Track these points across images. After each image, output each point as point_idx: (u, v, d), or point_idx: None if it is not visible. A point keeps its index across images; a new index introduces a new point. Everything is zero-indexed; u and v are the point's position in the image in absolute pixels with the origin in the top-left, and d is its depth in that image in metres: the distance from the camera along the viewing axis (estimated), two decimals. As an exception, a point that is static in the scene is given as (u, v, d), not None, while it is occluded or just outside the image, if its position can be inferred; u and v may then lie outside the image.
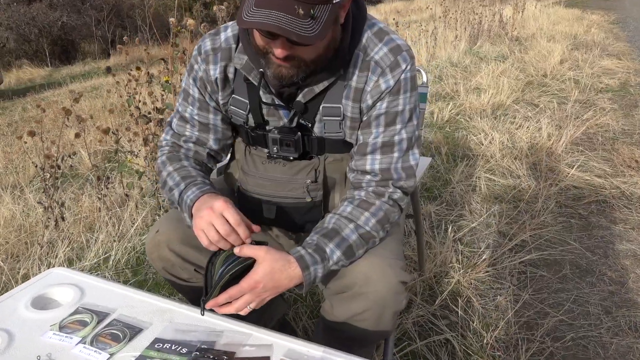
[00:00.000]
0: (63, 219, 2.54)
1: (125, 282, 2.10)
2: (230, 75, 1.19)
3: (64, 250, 2.31)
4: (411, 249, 2.20)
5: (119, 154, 2.67)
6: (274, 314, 1.53)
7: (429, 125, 4.09)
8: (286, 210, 1.23)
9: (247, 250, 1.00)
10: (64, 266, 2.21)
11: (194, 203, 1.09)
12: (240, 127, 1.26)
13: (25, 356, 0.95)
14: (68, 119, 2.18)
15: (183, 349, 0.97)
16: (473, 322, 1.76)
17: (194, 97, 1.22)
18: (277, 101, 1.16)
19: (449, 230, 2.33)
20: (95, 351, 0.96)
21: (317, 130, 1.19)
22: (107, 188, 2.68)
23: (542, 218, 2.51)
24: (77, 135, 2.36)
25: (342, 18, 1.04)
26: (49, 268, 2.26)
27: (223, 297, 0.98)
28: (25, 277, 2.22)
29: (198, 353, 0.96)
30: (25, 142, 3.30)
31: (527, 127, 3.76)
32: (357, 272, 1.10)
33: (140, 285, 2.07)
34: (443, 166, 3.19)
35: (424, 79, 1.74)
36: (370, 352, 1.44)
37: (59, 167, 2.29)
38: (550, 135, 3.57)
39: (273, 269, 0.99)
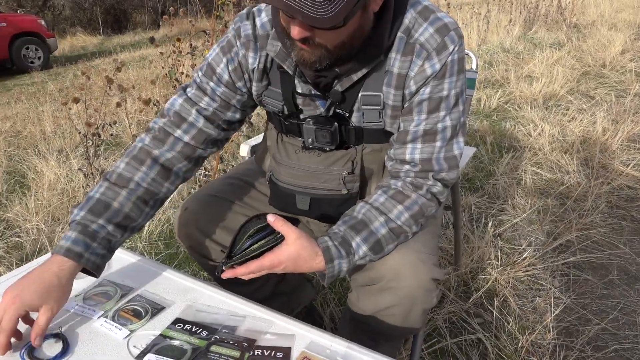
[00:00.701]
0: (102, 186, 2.57)
1: (157, 254, 2.12)
2: (268, 65, 1.11)
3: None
4: (448, 242, 2.12)
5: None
6: (302, 300, 1.50)
7: (475, 113, 3.93)
8: (320, 202, 1.17)
9: (280, 226, 0.94)
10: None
11: (54, 253, 0.97)
12: (273, 114, 1.20)
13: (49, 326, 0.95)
14: (110, 87, 2.18)
15: (203, 332, 0.95)
16: (508, 324, 1.68)
17: (222, 77, 1.12)
18: (313, 91, 1.08)
19: (489, 224, 2.23)
20: (115, 326, 0.95)
21: (354, 119, 1.11)
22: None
23: (591, 218, 2.37)
24: (118, 105, 2.38)
25: (376, 5, 0.95)
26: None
27: (242, 271, 0.94)
28: (63, 241, 2.27)
29: (218, 337, 0.93)
30: (70, 109, 3.36)
31: (581, 120, 3.56)
32: (386, 265, 1.05)
33: (171, 258, 2.09)
34: (487, 156, 3.07)
35: (474, 64, 1.64)
36: (398, 346, 1.39)
37: (99, 135, 2.31)
38: (606, 130, 3.37)
39: (299, 256, 0.94)
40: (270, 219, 0.93)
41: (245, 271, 0.94)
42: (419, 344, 1.32)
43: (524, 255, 2.05)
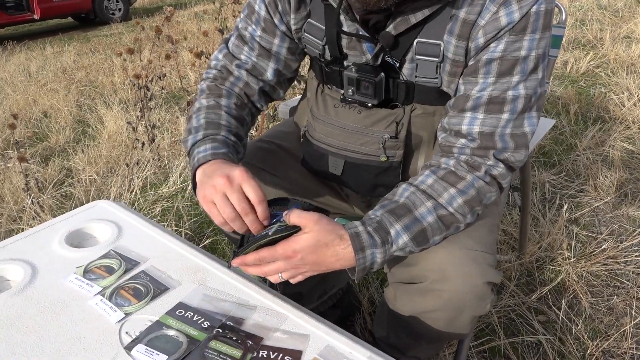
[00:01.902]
0: (153, 140, 2.53)
1: (195, 216, 2.04)
2: None
3: (145, 174, 2.30)
4: (513, 224, 1.88)
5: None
6: (337, 282, 1.36)
7: (559, 77, 3.52)
8: (355, 168, 1.01)
9: (296, 218, 0.80)
10: (137, 191, 2.20)
11: (200, 165, 0.88)
12: (314, 59, 1.04)
13: (42, 299, 0.87)
14: (159, 38, 2.08)
15: (205, 322, 0.83)
16: (577, 325, 1.45)
17: (259, 15, 1.00)
18: (361, 31, 0.91)
19: (564, 207, 1.96)
20: (110, 307, 0.85)
21: (406, 72, 0.92)
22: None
23: (690, 206, 2.02)
24: (167, 57, 2.28)
25: None
26: (130, 188, 2.29)
27: (251, 258, 0.81)
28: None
29: (220, 331, 0.81)
30: (125, 59, 3.34)
31: (688, 90, 3.07)
32: (430, 263, 0.87)
33: (209, 222, 2.00)
34: (569, 127, 2.72)
35: (563, 17, 1.35)
36: (441, 346, 1.23)
37: (147, 88, 2.24)
38: None
39: (318, 242, 0.78)
40: (284, 216, 0.79)
41: (256, 258, 0.80)
42: (464, 348, 1.15)
43: (603, 246, 1.78)
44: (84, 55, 6.20)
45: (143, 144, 2.39)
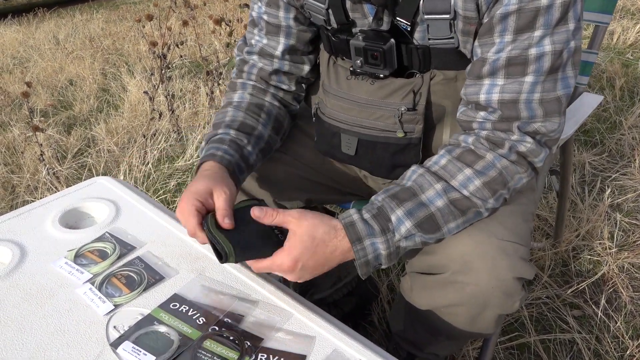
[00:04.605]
0: (173, 111, 2.46)
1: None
2: None
3: (161, 146, 2.24)
4: (548, 208, 1.74)
5: (230, 48, 2.47)
6: (352, 268, 1.26)
7: (604, 48, 3.27)
8: (370, 146, 0.91)
9: (275, 218, 0.72)
10: (151, 164, 2.14)
11: (198, 168, 0.86)
12: (321, 28, 0.93)
13: (28, 285, 0.81)
14: (176, 3, 1.98)
15: (201, 318, 0.75)
16: (616, 323, 1.33)
17: None
18: None
19: (607, 191, 1.80)
20: (99, 297, 0.78)
21: (418, 36, 0.82)
22: (219, 84, 2.52)
23: None
24: (185, 23, 2.19)
25: None
26: (144, 160, 2.22)
27: (251, 263, 0.75)
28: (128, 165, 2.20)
29: (216, 329, 0.73)
30: (144, 26, 3.26)
31: None
32: (452, 251, 0.78)
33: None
34: (614, 104, 2.52)
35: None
36: (464, 343, 1.14)
37: (164, 57, 2.15)
38: None
39: (314, 240, 0.71)
40: (257, 213, 0.69)
41: (254, 266, 0.75)
42: (491, 345, 1.05)
43: (649, 235, 1.63)
44: (111, 23, 6.16)
45: (160, 114, 2.32)
